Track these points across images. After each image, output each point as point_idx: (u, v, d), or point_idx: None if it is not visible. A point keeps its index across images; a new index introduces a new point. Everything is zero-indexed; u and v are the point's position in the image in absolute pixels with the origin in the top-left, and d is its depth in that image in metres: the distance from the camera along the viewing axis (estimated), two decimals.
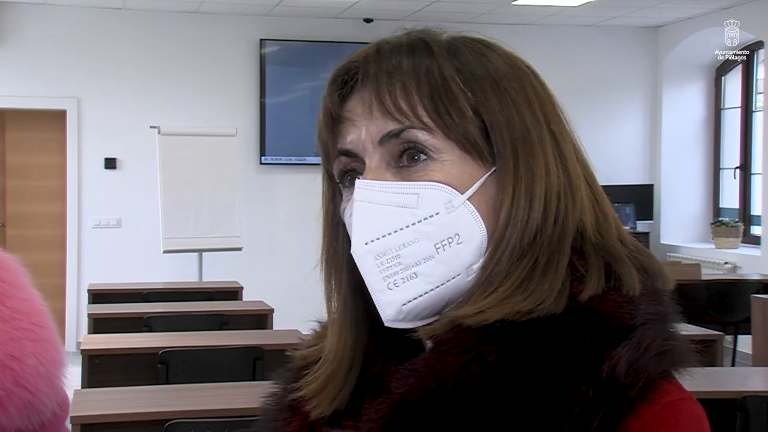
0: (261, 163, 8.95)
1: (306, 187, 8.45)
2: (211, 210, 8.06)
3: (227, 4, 8.49)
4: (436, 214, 0.85)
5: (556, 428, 0.78)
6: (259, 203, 8.89)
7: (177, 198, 7.94)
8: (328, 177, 0.94)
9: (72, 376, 1.28)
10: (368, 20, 8.96)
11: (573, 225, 0.86)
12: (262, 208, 8.89)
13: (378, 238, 0.85)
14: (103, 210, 8.69)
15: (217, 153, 8.17)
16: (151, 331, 5.07)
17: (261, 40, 8.88)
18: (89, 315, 5.50)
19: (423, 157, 0.86)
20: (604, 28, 9.60)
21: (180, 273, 8.29)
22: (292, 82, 8.88)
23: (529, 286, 0.83)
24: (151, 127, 8.17)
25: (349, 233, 0.89)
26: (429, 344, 0.87)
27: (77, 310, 8.40)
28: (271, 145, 8.92)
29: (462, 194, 0.85)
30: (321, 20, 8.96)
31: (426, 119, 0.85)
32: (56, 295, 8.40)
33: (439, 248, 0.85)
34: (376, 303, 0.86)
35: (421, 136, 0.85)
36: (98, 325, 5.33)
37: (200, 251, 8.10)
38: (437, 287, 0.85)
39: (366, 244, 0.85)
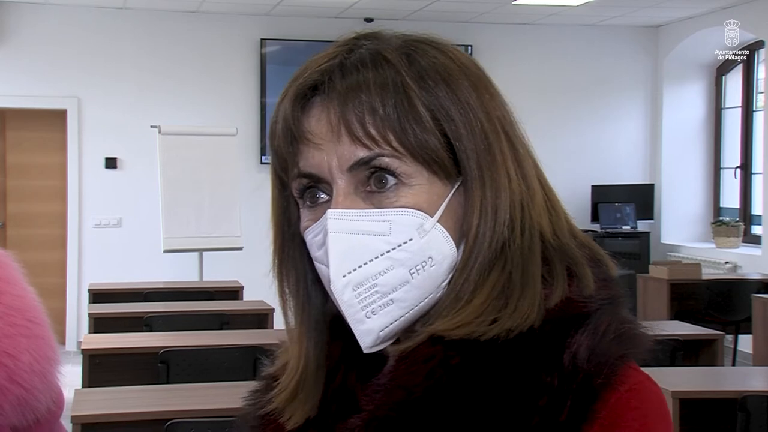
0: (261, 163, 8.95)
1: None
2: (212, 209, 8.05)
3: (227, 3, 8.49)
4: (410, 240, 0.84)
5: (526, 422, 0.79)
6: (260, 203, 8.81)
7: (177, 197, 7.94)
8: (280, 185, 0.92)
9: (72, 376, 1.28)
10: (369, 20, 8.96)
11: (537, 232, 0.86)
12: (262, 207, 8.77)
13: (355, 269, 0.84)
14: (103, 209, 8.69)
15: (217, 152, 8.17)
16: (151, 330, 5.07)
17: (261, 39, 8.89)
18: (90, 314, 5.50)
19: (392, 180, 0.84)
20: (605, 27, 9.60)
21: (180, 272, 8.29)
22: None
23: (510, 302, 0.83)
24: (151, 126, 8.16)
25: (312, 254, 0.88)
26: (390, 349, 0.88)
27: (78, 309, 8.40)
28: None
29: (432, 216, 0.85)
30: (321, 20, 8.95)
31: (395, 144, 0.84)
32: (57, 294, 8.40)
33: (413, 273, 0.84)
34: (355, 332, 0.85)
35: (392, 163, 0.84)
36: (99, 324, 5.33)
37: (201, 251, 8.10)
38: (411, 310, 0.85)
39: (344, 276, 0.84)
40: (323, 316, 0.93)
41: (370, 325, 0.84)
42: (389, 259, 0.84)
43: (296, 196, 0.90)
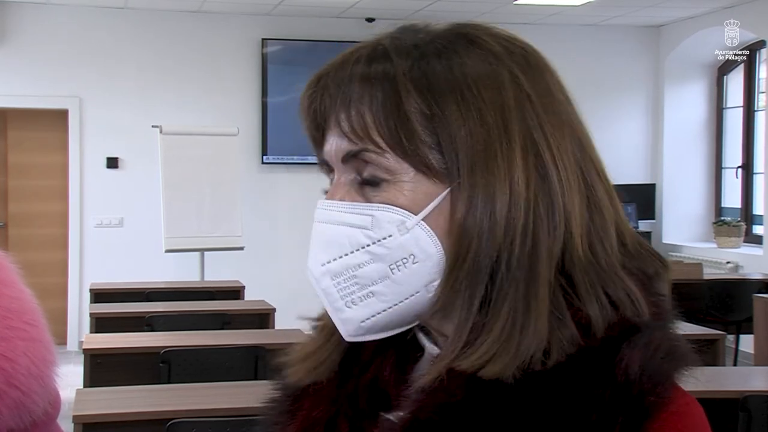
0: (263, 163, 8.95)
1: (308, 187, 8.47)
2: (213, 209, 8.06)
3: (229, 3, 8.50)
4: (389, 236, 0.84)
5: None
6: (261, 203, 8.89)
7: (179, 197, 7.94)
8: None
9: (74, 376, 1.28)
10: (370, 19, 8.96)
11: (550, 244, 0.82)
12: (263, 207, 8.89)
13: (334, 259, 0.85)
14: (105, 209, 8.70)
15: (218, 152, 8.18)
16: (153, 330, 5.07)
17: (263, 39, 8.89)
18: (91, 314, 5.51)
19: (379, 176, 0.85)
20: (606, 27, 9.60)
21: (182, 272, 8.29)
22: (293, 82, 8.87)
23: (527, 326, 0.79)
24: (152, 126, 8.17)
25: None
26: (426, 343, 0.88)
27: (79, 309, 8.41)
28: (272, 145, 8.92)
29: (416, 215, 0.83)
30: (322, 20, 8.96)
31: (377, 139, 0.83)
32: (58, 294, 8.41)
33: (393, 269, 0.84)
34: (334, 320, 0.87)
35: (376, 158, 0.83)
36: (100, 324, 5.34)
37: (202, 251, 8.11)
38: (395, 305, 0.84)
39: (322, 265, 0.86)
40: None
41: (350, 314, 0.85)
42: (368, 253, 0.84)
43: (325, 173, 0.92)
